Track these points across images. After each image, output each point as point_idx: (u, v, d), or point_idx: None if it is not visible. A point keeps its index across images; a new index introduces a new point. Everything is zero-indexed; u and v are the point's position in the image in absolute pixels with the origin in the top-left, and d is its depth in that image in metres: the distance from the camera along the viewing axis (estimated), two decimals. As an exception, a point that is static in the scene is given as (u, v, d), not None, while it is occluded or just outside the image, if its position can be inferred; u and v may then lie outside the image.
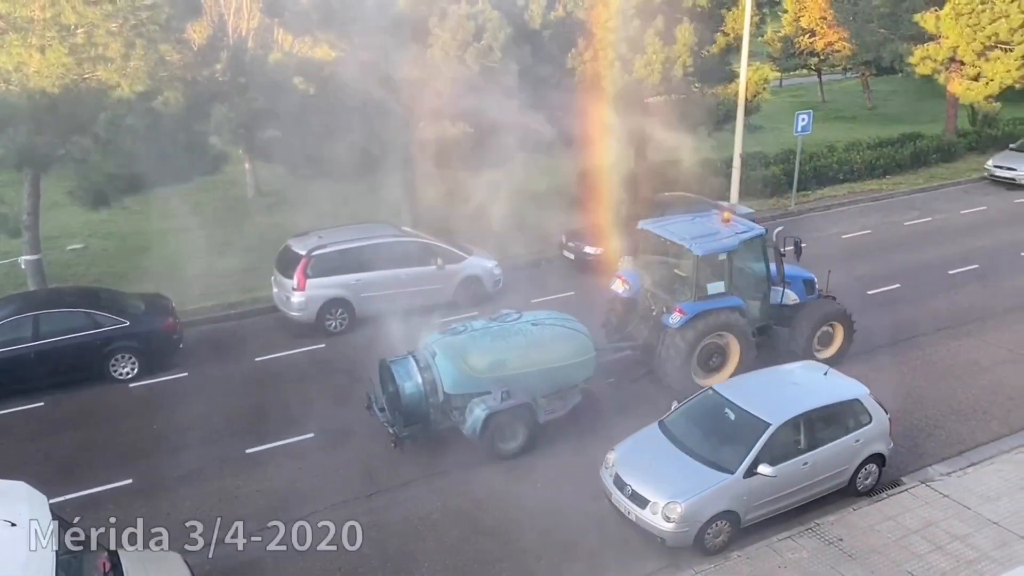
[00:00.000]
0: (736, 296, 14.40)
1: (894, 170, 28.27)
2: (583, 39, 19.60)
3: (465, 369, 12.64)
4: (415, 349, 13.26)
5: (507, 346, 12.88)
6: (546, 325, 13.40)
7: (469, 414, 12.50)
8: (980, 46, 28.28)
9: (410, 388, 12.60)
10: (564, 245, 20.78)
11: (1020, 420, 13.69)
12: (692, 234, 14.25)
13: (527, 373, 12.76)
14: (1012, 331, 16.83)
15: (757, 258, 14.84)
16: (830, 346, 15.42)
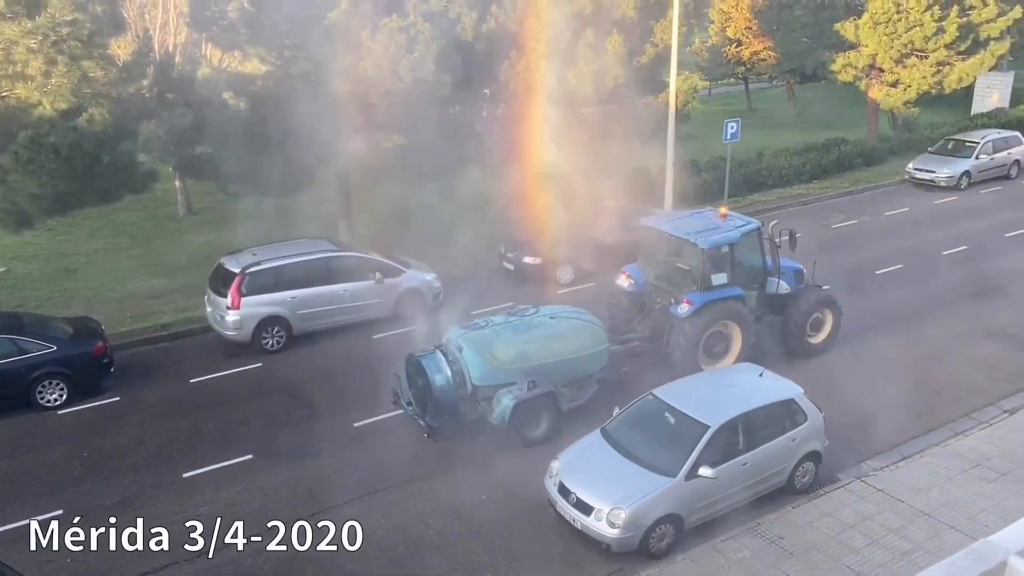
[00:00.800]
0: (738, 287, 15.12)
1: (821, 175, 29.08)
2: (516, 51, 19.72)
3: (492, 361, 13.20)
4: (440, 344, 13.74)
5: (529, 339, 13.52)
6: (563, 318, 14.11)
7: (497, 404, 13.03)
8: (897, 53, 29.41)
9: (440, 381, 13.11)
10: (503, 256, 20.84)
11: (947, 414, 14.19)
12: (695, 229, 15.01)
13: (549, 364, 13.41)
14: (937, 328, 17.44)
15: (754, 250, 15.58)
16: (821, 331, 16.28)
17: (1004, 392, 14.84)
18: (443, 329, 14.47)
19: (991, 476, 12.26)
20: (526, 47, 19.71)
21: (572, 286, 20.01)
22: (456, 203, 26.42)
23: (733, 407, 11.52)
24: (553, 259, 19.99)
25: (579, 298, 19.33)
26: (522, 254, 20.33)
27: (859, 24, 29.48)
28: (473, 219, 25.04)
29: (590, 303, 18.85)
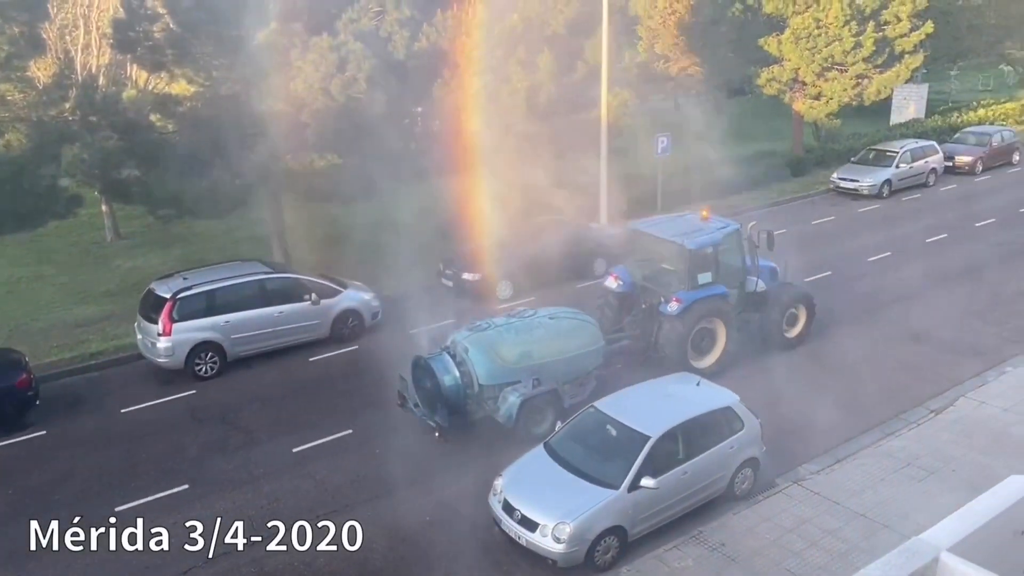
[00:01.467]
0: (721, 285, 15.89)
1: (750, 186, 29.78)
2: (449, 69, 19.78)
3: (497, 361, 13.68)
4: (446, 346, 14.13)
5: (532, 338, 14.07)
6: (561, 318, 14.72)
7: (503, 402, 13.49)
8: (818, 67, 30.39)
9: (449, 381, 13.60)
10: (442, 272, 20.78)
11: (878, 415, 14.61)
12: (681, 231, 15.83)
13: (551, 362, 13.95)
14: (866, 332, 17.97)
15: (734, 250, 16.33)
16: (796, 326, 17.24)
17: (930, 392, 15.35)
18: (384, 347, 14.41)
19: (920, 475, 12.65)
20: (459, 65, 19.79)
21: (511, 301, 20.03)
22: (393, 220, 26.28)
23: (672, 417, 11.66)
24: (492, 274, 20.00)
25: (518, 314, 19.42)
26: (461, 270, 20.31)
27: (781, 40, 30.40)
28: (411, 236, 24.91)
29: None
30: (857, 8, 29.54)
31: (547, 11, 20.86)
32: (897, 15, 30.00)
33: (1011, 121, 39.22)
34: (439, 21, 19.21)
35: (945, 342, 17.43)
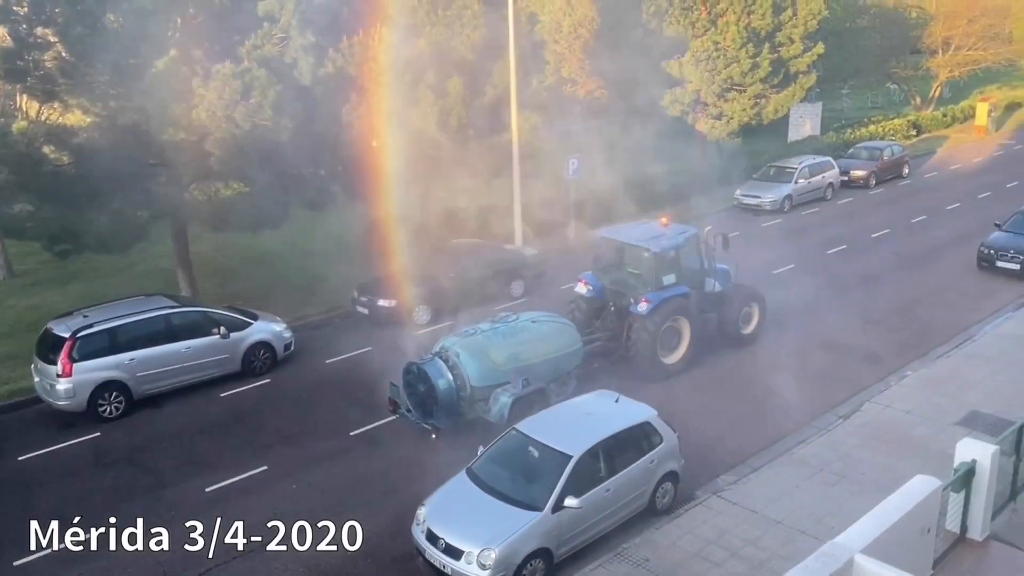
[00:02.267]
0: (684, 286, 16.99)
1: (659, 203, 30.42)
2: (356, 94, 19.58)
3: (488, 364, 14.32)
4: (437, 352, 14.64)
5: (517, 341, 14.82)
6: (542, 322, 15.56)
7: (495, 402, 14.10)
8: (719, 88, 31.43)
9: (443, 385, 14.12)
10: (356, 300, 20.44)
11: (791, 423, 15.01)
12: (646, 236, 16.99)
13: (537, 363, 14.73)
14: (774, 341, 18.51)
15: (694, 253, 17.59)
16: (751, 323, 18.47)
17: (838, 399, 15.89)
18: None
19: (832, 480, 13.04)
20: (367, 90, 19.61)
21: (429, 326, 19.88)
22: (305, 248, 25.86)
23: (593, 435, 11.72)
24: (408, 300, 19.80)
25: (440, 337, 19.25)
26: (376, 297, 20.03)
27: (683, 62, 31.32)
28: (323, 263, 24.53)
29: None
30: (753, 31, 30.73)
31: (454, 36, 20.94)
32: (790, 37, 31.35)
33: (899, 136, 41.39)
34: (345, 47, 19.01)
35: (850, 349, 18.11)
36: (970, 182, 33.28)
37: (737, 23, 30.41)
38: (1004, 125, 46.36)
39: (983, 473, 9.66)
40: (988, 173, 34.89)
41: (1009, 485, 10.55)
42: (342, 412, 15.85)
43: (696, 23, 31.11)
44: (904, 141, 40.22)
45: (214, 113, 17.14)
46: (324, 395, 16.67)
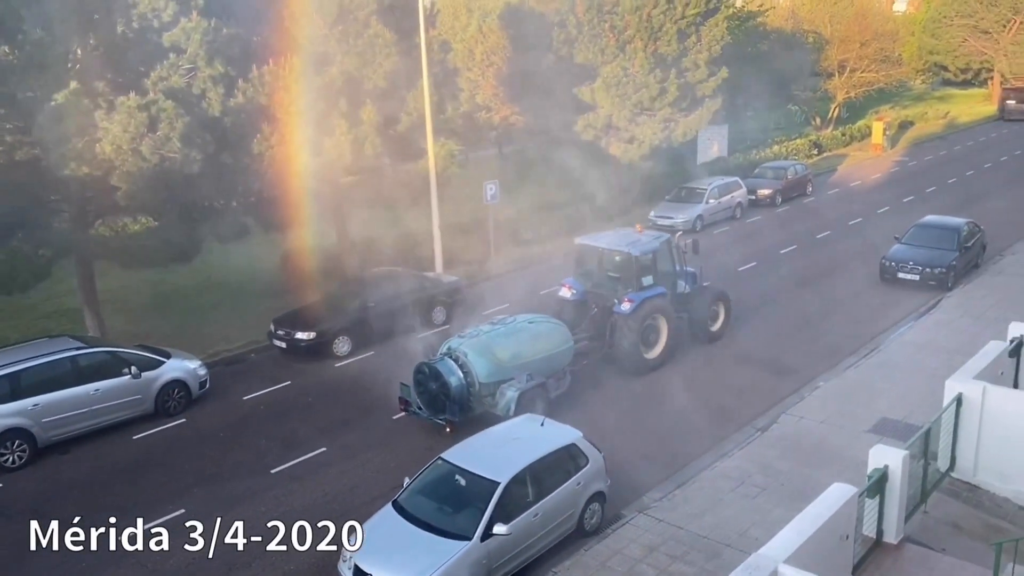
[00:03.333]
0: (661, 286, 18.37)
1: (578, 228, 30.83)
2: (268, 124, 19.28)
3: (494, 361, 15.47)
4: (445, 352, 15.71)
5: (518, 340, 16.00)
6: (538, 322, 16.80)
7: (501, 397, 15.20)
8: (629, 113, 32.14)
9: (455, 382, 15.22)
10: (274, 333, 19.96)
11: (711, 438, 15.32)
12: (624, 242, 18.40)
13: (537, 360, 15.90)
14: (693, 357, 18.89)
15: (667, 257, 19.02)
16: (718, 321, 19.89)
17: (756, 412, 16.31)
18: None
19: (754, 492, 13.34)
20: (279, 119, 19.33)
21: (351, 357, 19.58)
22: (219, 281, 25.22)
23: (519, 460, 11.70)
24: (327, 331, 19.47)
25: (363, 368, 19.02)
26: (294, 329, 19.59)
27: (594, 88, 31.96)
28: (238, 297, 24.00)
29: (374, 372, 18.67)
30: (660, 57, 31.60)
31: (366, 64, 20.87)
32: (696, 62, 32.34)
33: (801, 156, 43.09)
34: (255, 76, 18.71)
35: (764, 362, 18.62)
36: (870, 198, 34.83)
37: (644, 49, 31.23)
38: (898, 143, 48.81)
39: (895, 478, 10.02)
40: (886, 189, 36.60)
41: (919, 488, 10.98)
42: (262, 449, 15.45)
43: (605, 50, 31.81)
44: (806, 160, 41.88)
45: (119, 146, 16.60)
46: (243, 433, 16.21)
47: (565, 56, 32.33)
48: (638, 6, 31.18)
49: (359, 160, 21.13)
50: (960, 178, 38.26)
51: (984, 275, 23.90)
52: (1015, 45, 61.13)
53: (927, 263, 22.96)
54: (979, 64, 64.01)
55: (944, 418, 11.43)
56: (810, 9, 54.73)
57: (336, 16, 20.30)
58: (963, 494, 11.73)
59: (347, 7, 20.42)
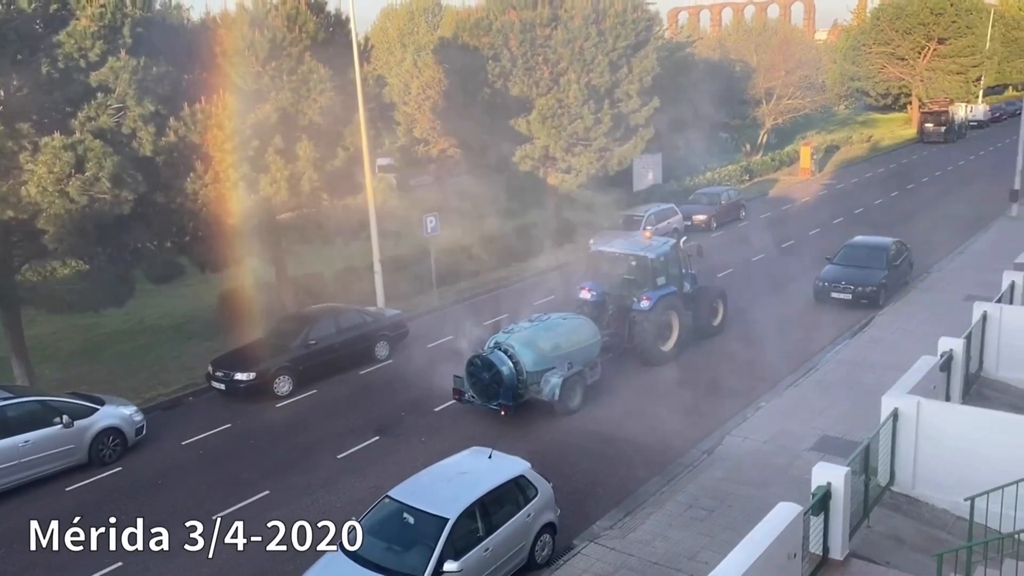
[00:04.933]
0: (672, 285, 20.48)
1: (520, 257, 31.01)
2: (201, 162, 19.00)
3: (539, 352, 17.20)
4: (493, 346, 17.26)
5: (556, 334, 17.68)
6: (569, 318, 18.56)
7: (546, 384, 17.06)
8: (565, 143, 32.62)
9: (506, 371, 16.84)
10: (212, 375, 19.47)
11: (657, 464, 15.37)
12: (639, 247, 20.74)
13: (573, 351, 17.68)
14: (637, 382, 19.02)
15: (675, 260, 21.04)
16: (718, 316, 22.03)
17: (701, 434, 16.46)
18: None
19: (702, 515, 13.43)
20: (212, 157, 19.07)
21: (292, 397, 19.21)
22: (153, 324, 24.62)
23: (468, 494, 11.57)
24: (267, 371, 19.08)
25: (305, 407, 18.69)
26: (233, 370, 19.14)
27: (530, 120, 32.35)
28: (174, 339, 23.43)
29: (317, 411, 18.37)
30: (593, 88, 32.17)
31: (301, 100, 20.74)
32: (628, 93, 33.01)
33: (734, 181, 44.19)
34: (187, 115, 18.47)
35: (707, 384, 18.85)
36: (800, 221, 35.83)
37: (578, 81, 31.77)
38: (826, 166, 50.44)
39: (838, 495, 10.19)
40: (816, 211, 37.71)
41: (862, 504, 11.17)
42: (203, 495, 15.00)
43: (539, 82, 32.28)
44: (739, 186, 42.96)
45: (44, 188, 16.15)
46: (183, 479, 15.74)
47: (501, 89, 32.69)
48: (570, 39, 31.77)
49: (296, 196, 20.92)
50: (885, 199, 39.65)
51: (913, 292, 24.70)
52: (930, 71, 64.01)
53: (858, 282, 23.65)
54: (898, 89, 66.81)
55: (882, 433, 11.69)
56: (736, 39, 56.58)
57: (269, 53, 20.17)
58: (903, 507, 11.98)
59: (280, 44, 20.32)
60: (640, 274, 20.50)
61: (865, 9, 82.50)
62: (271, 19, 20.25)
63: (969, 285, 23.59)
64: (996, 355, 15.38)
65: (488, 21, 33.01)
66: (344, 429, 17.40)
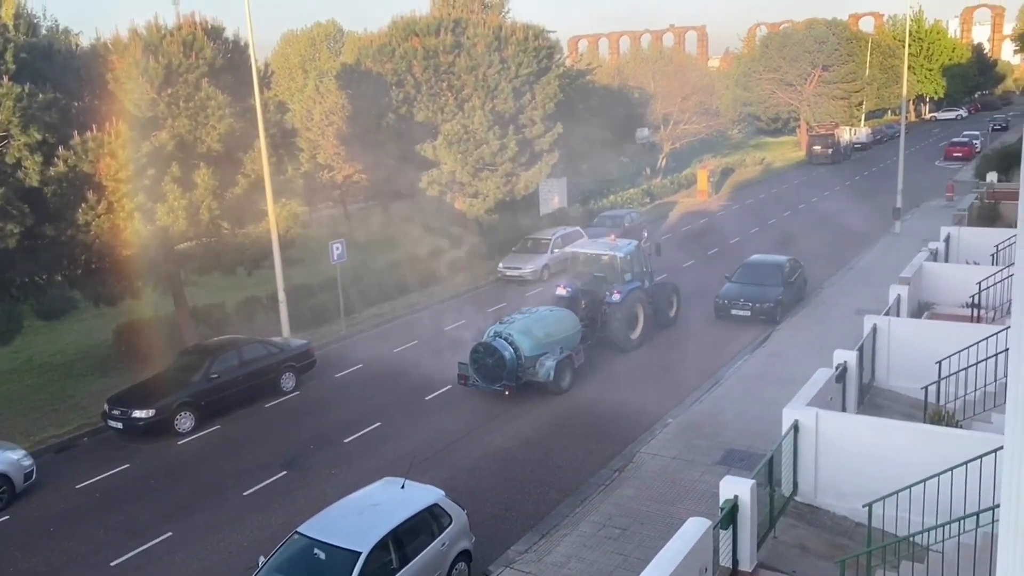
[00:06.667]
0: (637, 281, 23.24)
1: (430, 282, 30.91)
2: (94, 192, 18.24)
3: (535, 339, 19.46)
4: (494, 334, 19.33)
5: (546, 323, 20.13)
6: (555, 311, 21.11)
7: (541, 367, 19.34)
8: (472, 168, 32.80)
9: (508, 356, 18.99)
10: (108, 413, 18.58)
11: (570, 485, 15.48)
12: (609, 247, 23.54)
13: (562, 338, 20.13)
14: (539, 415, 19.14)
15: (639, 259, 23.89)
16: (672, 308, 24.73)
17: (612, 453, 16.67)
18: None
19: (615, 534, 13.56)
20: (106, 187, 18.33)
21: (194, 433, 18.52)
22: (43, 362, 23.38)
23: (381, 526, 11.37)
24: (168, 407, 18.35)
25: (208, 443, 18.03)
26: (131, 408, 18.32)
27: (436, 145, 32.41)
28: (67, 377, 22.31)
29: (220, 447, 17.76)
30: (498, 114, 32.52)
31: (198, 127, 20.19)
32: (532, 119, 33.50)
33: (636, 204, 45.29)
34: (78, 143, 17.72)
35: (616, 403, 19.11)
36: (700, 241, 36.95)
37: (483, 107, 32.06)
38: (722, 188, 52.27)
39: (745, 508, 10.45)
40: (714, 232, 38.98)
41: (768, 515, 11.50)
42: (100, 540, 14.26)
43: (445, 108, 32.42)
44: (640, 208, 44.04)
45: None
46: (77, 524, 14.93)
47: (405, 114, 32.67)
48: (473, 66, 32.07)
49: (195, 225, 20.30)
50: (779, 218, 41.33)
51: (808, 307, 25.75)
52: (816, 96, 67.40)
53: (756, 299, 24.53)
54: (787, 113, 70.08)
55: (784, 445, 12.08)
56: (634, 67, 58.29)
57: (164, 79, 19.58)
58: (807, 516, 12.39)
59: (176, 70, 19.76)
60: (610, 271, 23.26)
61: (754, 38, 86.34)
62: (166, 45, 19.67)
63: (859, 299, 24.76)
64: (887, 365, 16.13)
65: (391, 47, 33.02)
66: (250, 465, 16.88)
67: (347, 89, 35.32)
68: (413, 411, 19.28)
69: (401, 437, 17.81)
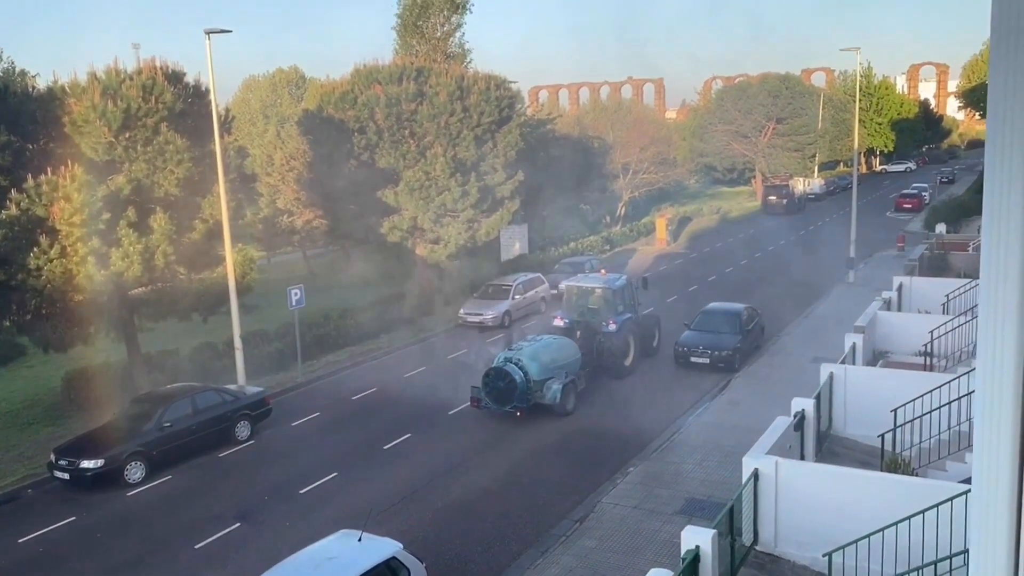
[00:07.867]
0: (628, 312, 25.16)
1: (388, 328, 30.67)
2: (46, 236, 17.90)
3: (542, 364, 20.91)
4: (505, 359, 20.64)
5: (552, 350, 21.70)
6: (557, 339, 22.75)
7: (548, 389, 20.81)
8: (434, 215, 32.86)
9: (519, 379, 20.30)
10: (55, 464, 17.96)
11: (530, 535, 15.28)
12: (602, 281, 25.51)
13: (565, 364, 21.69)
14: (503, 453, 18.98)
15: (629, 292, 25.86)
16: (655, 339, 26.47)
17: (573, 503, 16.51)
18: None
19: (577, 585, 13.37)
20: (59, 231, 18.02)
21: (145, 484, 17.97)
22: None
23: (337, 581, 11.09)
24: (117, 458, 17.81)
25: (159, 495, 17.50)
26: (79, 457, 17.74)
27: (398, 191, 32.47)
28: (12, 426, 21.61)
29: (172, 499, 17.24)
30: (460, 161, 32.74)
31: (156, 171, 20.01)
32: (494, 166, 33.79)
33: (595, 251, 45.70)
34: (31, 187, 17.45)
35: (576, 452, 19.01)
36: (658, 288, 37.09)
37: (445, 155, 32.26)
38: (680, 237, 53.01)
39: (706, 557, 10.39)
40: (672, 279, 39.36)
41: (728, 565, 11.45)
42: (41, 599, 13.68)
43: (406, 155, 32.55)
44: (600, 255, 44.43)
45: None
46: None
47: (367, 161, 32.73)
48: (436, 114, 32.34)
49: (150, 271, 20.00)
50: (735, 267, 41.95)
51: (766, 355, 26.03)
52: (771, 148, 69.07)
53: (715, 347, 24.73)
54: (743, 164, 71.64)
55: (744, 494, 12.09)
56: (593, 117, 59.30)
57: (123, 123, 19.43)
58: (768, 566, 12.36)
59: (135, 114, 19.63)
60: (603, 303, 24.96)
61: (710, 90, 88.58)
62: (125, 89, 19.56)
63: (815, 347, 25.10)
64: (844, 413, 16.31)
65: (353, 95, 33.18)
66: (203, 517, 16.40)
67: (308, 135, 35.33)
68: (371, 460, 18.98)
69: (359, 487, 17.47)
